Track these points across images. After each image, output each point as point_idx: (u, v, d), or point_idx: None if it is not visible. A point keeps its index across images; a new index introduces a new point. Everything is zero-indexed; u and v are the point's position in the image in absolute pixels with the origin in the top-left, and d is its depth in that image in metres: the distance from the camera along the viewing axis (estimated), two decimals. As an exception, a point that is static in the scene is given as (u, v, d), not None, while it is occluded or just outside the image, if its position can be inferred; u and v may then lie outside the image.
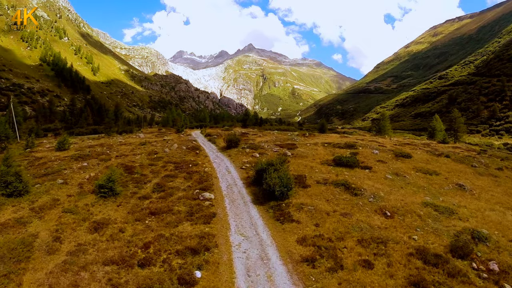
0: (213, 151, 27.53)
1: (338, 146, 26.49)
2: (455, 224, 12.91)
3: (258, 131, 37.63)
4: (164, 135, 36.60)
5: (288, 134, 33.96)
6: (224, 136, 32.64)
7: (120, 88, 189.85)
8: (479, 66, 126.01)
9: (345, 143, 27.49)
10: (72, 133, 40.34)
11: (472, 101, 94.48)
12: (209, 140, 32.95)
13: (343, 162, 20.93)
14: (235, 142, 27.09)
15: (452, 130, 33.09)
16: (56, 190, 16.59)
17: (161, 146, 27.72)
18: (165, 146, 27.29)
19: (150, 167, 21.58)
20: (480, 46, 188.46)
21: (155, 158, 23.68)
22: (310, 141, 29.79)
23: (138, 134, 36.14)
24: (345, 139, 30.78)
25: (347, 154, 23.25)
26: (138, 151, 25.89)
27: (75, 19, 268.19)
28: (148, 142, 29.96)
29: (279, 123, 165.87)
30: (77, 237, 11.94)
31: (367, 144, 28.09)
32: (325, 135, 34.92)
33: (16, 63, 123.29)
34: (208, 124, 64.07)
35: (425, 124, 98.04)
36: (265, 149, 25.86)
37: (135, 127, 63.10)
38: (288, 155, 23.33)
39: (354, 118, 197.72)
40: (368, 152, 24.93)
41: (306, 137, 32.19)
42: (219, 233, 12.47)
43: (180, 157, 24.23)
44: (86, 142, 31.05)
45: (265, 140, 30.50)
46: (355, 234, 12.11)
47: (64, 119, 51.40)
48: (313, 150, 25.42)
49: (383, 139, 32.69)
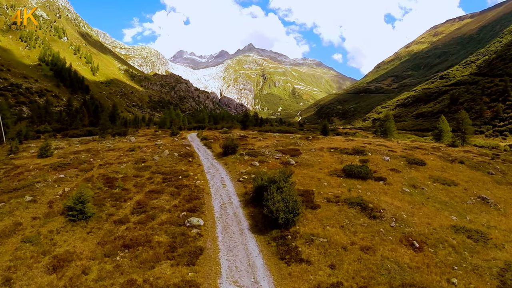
0: (208, 158, 25.00)
1: (346, 152, 24.67)
2: (494, 257, 11.32)
3: (258, 134, 35.39)
4: (158, 139, 34.37)
5: (290, 137, 32.46)
6: (222, 140, 30.81)
7: (120, 88, 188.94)
8: (481, 66, 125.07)
9: (353, 148, 25.84)
10: (66, 135, 39.26)
11: (475, 101, 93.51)
12: (205, 145, 30.69)
13: (355, 173, 18.75)
14: (232, 148, 24.76)
15: (459, 132, 32.06)
16: (22, 210, 14.28)
17: (151, 153, 25.07)
18: (155, 153, 24.73)
19: (134, 179, 19.04)
20: (481, 46, 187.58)
21: (142, 168, 21.11)
22: (315, 145, 28.19)
23: (130, 138, 33.47)
24: (352, 143, 29.19)
25: (356, 162, 21.52)
26: (125, 158, 23.25)
27: (75, 18, 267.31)
28: (138, 147, 27.52)
29: (279, 123, 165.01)
30: (31, 279, 9.75)
31: (375, 149, 26.38)
32: (329, 138, 33.48)
33: (14, 63, 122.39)
34: (207, 124, 62.87)
35: (427, 125, 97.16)
36: (265, 155, 23.88)
37: (132, 128, 61.90)
38: (292, 164, 21.49)
39: (355, 118, 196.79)
40: (379, 159, 23.14)
41: (309, 140, 30.66)
42: (205, 280, 9.73)
43: (170, 166, 21.71)
44: (73, 147, 28.40)
45: (265, 144, 28.80)
46: (382, 279, 9.70)
47: (60, 120, 50.13)
48: (319, 157, 23.52)
49: (391, 143, 31.28)
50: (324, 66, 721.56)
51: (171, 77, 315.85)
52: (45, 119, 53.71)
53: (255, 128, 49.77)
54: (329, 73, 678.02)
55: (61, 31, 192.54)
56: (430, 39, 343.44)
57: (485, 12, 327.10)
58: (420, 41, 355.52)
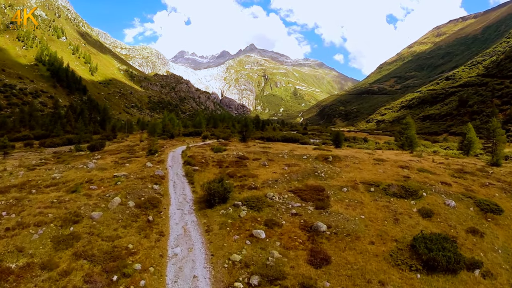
0: (182, 210, 15.76)
1: (393, 193, 17.00)
2: None
3: (261, 151, 28.49)
4: (127, 162, 24.71)
5: (304, 158, 25.27)
6: (211, 165, 23.46)
7: (119, 89, 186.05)
8: (489, 67, 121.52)
9: (397, 182, 18.37)
10: (43, 144, 34.91)
11: (485, 104, 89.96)
12: (186, 175, 21.59)
13: (438, 262, 10.55)
14: (221, 195, 15.69)
15: (491, 142, 28.65)
16: None
17: (98, 197, 15.34)
18: (103, 198, 15.34)
19: (36, 277, 8.83)
20: (486, 47, 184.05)
21: (65, 240, 10.93)
22: (341, 174, 20.83)
23: (91, 161, 24.24)
24: (386, 168, 22.21)
25: (416, 216, 14.48)
26: (53, 212, 13.06)
27: (74, 18, 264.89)
28: (90, 180, 18.64)
29: (281, 125, 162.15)
30: None
31: (423, 180, 19.36)
32: (350, 155, 26.66)
33: (10, 62, 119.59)
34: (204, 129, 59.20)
35: (435, 128, 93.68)
36: (275, 207, 15.35)
37: (122, 133, 58.22)
38: (322, 232, 12.76)
39: (358, 119, 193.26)
40: (440, 205, 16.03)
41: (330, 163, 23.41)
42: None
43: (111, 238, 11.66)
44: (15, 173, 20.50)
45: (272, 176, 20.42)
46: None
47: (44, 125, 45.77)
48: (359, 209, 15.42)
49: (428, 163, 25.26)
50: (325, 67, 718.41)
51: (171, 77, 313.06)
52: (29, 123, 50.07)
53: (256, 135, 45.22)
54: (331, 73, 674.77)
55: (60, 30, 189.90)
56: (433, 39, 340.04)
57: (488, 12, 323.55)
58: (423, 41, 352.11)
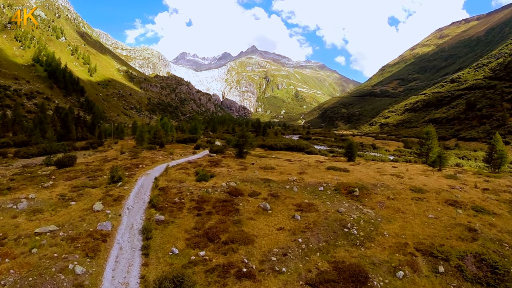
0: None
1: (474, 277, 10.82)
2: None
3: (261, 178, 22.16)
4: (81, 191, 18.34)
5: (320, 191, 19.34)
6: (188, 209, 15.96)
7: (118, 90, 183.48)
8: (496, 69, 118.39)
9: (480, 257, 11.47)
10: (17, 154, 30.91)
11: (495, 108, 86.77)
12: (144, 231, 13.41)
13: None
14: None
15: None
16: None
17: None
18: None
19: None
20: (491, 49, 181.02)
21: None
22: (385, 233, 14.06)
23: (19, 202, 15.58)
24: (442, 212, 16.13)
25: None
26: None
27: (75, 18, 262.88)
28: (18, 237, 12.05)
29: (283, 128, 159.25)
30: None
31: (495, 235, 13.64)
32: (379, 185, 20.65)
33: (6, 63, 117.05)
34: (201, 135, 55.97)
35: (442, 132, 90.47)
36: None
37: (112, 139, 54.86)
38: None
39: (361, 122, 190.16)
40: None
41: (357, 199, 17.99)
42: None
43: None
44: None
45: (277, 238, 13.44)
46: None
47: (27, 131, 42.14)
48: None
49: (471, 189, 20.29)
50: (327, 69, 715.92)
51: (172, 78, 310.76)
52: (13, 128, 46.68)
53: (257, 142, 41.80)
54: (332, 75, 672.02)
55: (59, 31, 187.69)
56: (435, 41, 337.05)
57: (491, 14, 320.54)
58: (426, 43, 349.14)
